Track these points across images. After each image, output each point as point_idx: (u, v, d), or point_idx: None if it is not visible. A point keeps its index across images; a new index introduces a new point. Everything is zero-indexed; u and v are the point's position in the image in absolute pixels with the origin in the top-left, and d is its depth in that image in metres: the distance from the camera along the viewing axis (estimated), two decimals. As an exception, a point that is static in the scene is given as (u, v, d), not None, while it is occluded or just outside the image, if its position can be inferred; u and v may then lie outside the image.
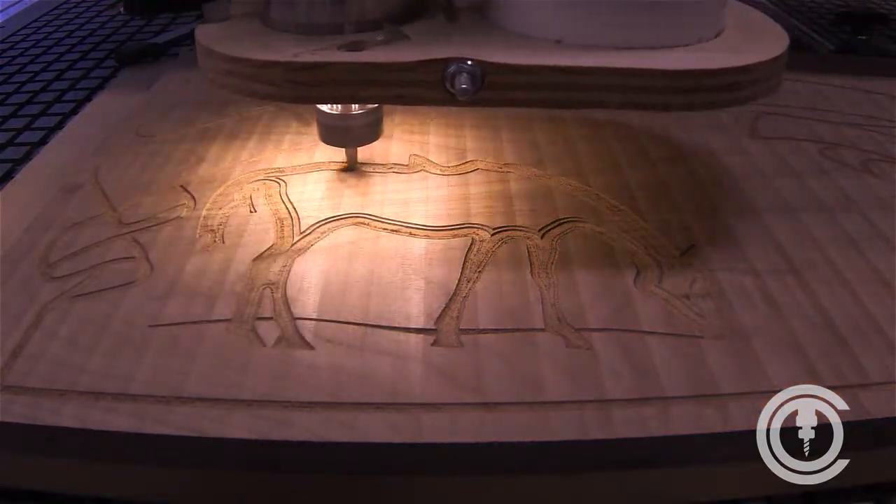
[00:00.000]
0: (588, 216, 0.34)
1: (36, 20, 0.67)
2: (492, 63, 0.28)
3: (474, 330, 0.28)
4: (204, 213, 0.34)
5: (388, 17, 0.31)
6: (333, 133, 0.36)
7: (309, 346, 0.27)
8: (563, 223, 0.34)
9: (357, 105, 0.35)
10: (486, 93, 0.28)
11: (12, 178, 0.39)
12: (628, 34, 0.29)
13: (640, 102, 0.28)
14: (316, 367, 0.26)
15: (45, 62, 0.57)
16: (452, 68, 0.28)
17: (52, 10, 0.70)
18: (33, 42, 0.61)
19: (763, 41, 0.30)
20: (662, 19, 0.29)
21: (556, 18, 0.30)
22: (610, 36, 0.29)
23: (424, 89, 0.29)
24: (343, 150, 0.37)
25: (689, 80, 0.28)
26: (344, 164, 0.38)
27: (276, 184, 0.36)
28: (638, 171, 0.38)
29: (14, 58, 0.58)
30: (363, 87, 0.29)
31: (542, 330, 0.28)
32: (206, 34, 0.31)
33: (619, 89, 0.28)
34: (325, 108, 0.35)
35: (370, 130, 0.36)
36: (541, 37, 0.30)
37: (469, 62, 0.28)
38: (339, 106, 0.35)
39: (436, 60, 0.28)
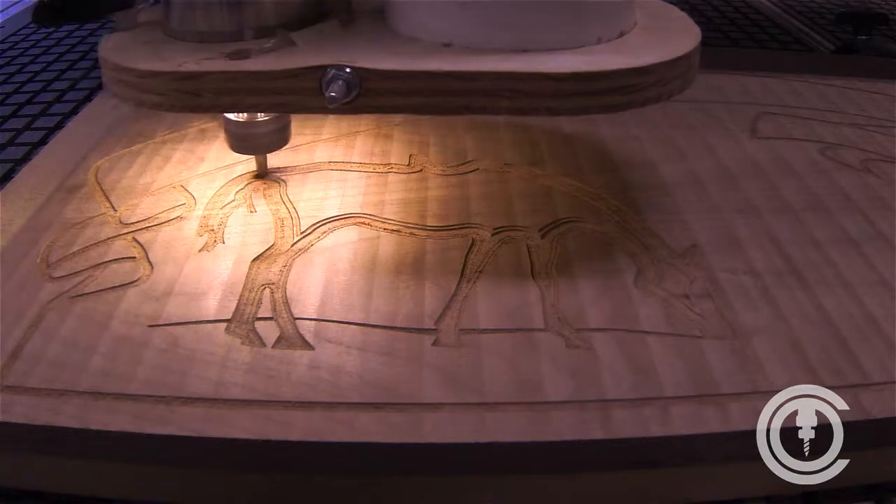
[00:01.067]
0: (588, 216, 0.34)
1: (36, 20, 0.67)
2: (366, 69, 0.27)
3: (474, 330, 0.28)
4: (204, 213, 0.34)
5: (284, 24, 0.30)
6: (241, 141, 0.35)
7: (309, 346, 0.27)
8: (563, 223, 0.34)
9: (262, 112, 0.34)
10: (362, 100, 0.27)
11: (12, 178, 0.39)
12: (518, 36, 0.28)
13: (528, 107, 0.27)
14: (316, 367, 0.26)
15: (45, 62, 0.57)
16: (329, 75, 0.27)
17: (52, 10, 0.70)
18: (33, 42, 0.61)
19: (670, 41, 0.29)
20: (553, 20, 0.28)
21: (443, 21, 0.29)
22: (499, 38, 0.28)
23: (305, 97, 0.28)
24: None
25: (578, 84, 0.27)
26: (345, 164, 0.38)
27: (276, 184, 0.36)
28: (638, 171, 0.38)
29: (14, 58, 0.58)
30: (245, 96, 0.28)
31: (542, 330, 0.28)
32: (105, 42, 0.31)
33: (505, 94, 0.27)
34: (231, 116, 0.34)
35: (277, 137, 0.35)
36: (431, 40, 0.29)
37: (347, 69, 0.27)
38: (245, 114, 0.34)
39: (313, 68, 0.27)
